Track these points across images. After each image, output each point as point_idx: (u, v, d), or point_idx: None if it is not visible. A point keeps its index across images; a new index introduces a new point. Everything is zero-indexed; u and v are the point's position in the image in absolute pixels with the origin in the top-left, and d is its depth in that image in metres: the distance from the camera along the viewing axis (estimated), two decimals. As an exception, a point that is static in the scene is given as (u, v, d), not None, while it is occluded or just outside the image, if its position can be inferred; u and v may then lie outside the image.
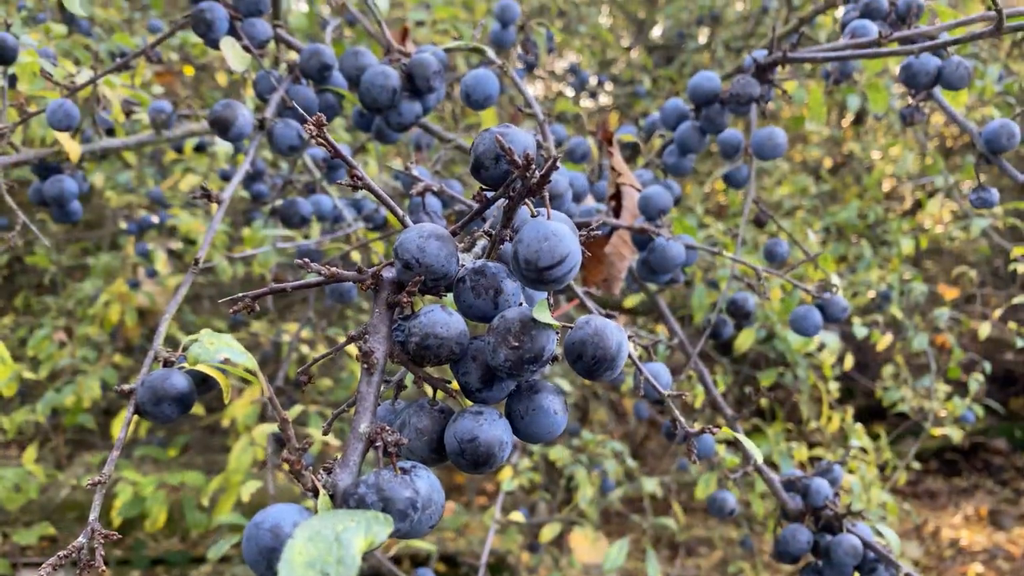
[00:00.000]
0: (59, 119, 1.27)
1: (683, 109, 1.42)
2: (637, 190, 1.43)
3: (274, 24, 1.30)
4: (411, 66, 1.17)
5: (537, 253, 0.62)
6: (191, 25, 1.20)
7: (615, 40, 5.03)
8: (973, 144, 1.41)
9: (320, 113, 1.29)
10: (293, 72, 1.25)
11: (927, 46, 1.17)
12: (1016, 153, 4.11)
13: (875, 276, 2.98)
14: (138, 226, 2.55)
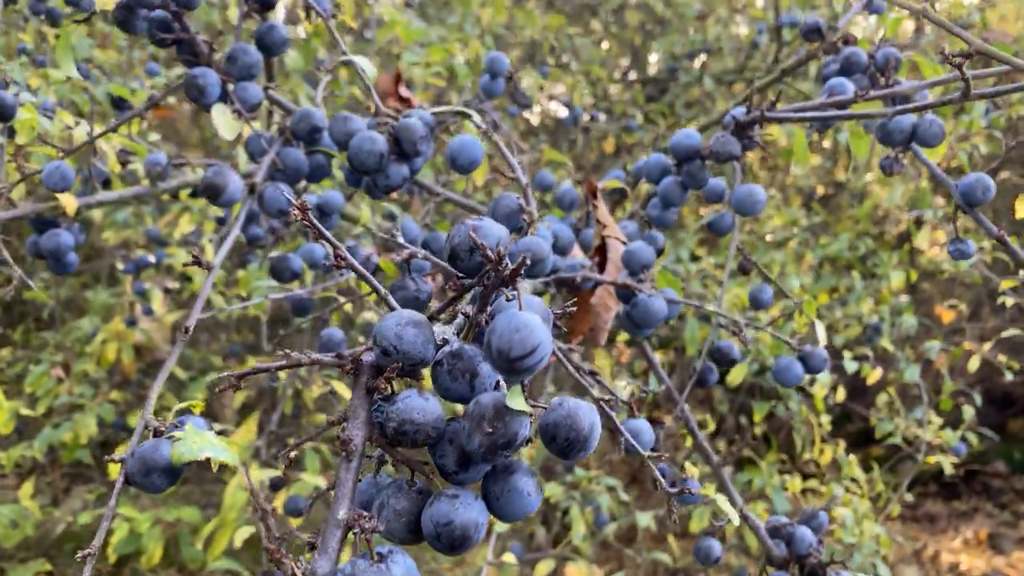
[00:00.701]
0: (55, 181, 1.30)
1: (666, 164, 1.45)
2: (622, 243, 1.46)
3: (265, 87, 1.33)
4: (398, 130, 1.20)
5: (509, 344, 0.64)
6: (184, 90, 1.24)
7: (608, 74, 5.09)
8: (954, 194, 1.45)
9: (309, 176, 1.32)
10: (284, 134, 1.28)
11: (899, 110, 1.21)
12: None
13: (866, 308, 3.01)
14: (135, 266, 2.59)
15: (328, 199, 1.62)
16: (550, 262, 1.09)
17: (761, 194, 1.34)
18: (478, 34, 3.20)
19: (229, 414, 3.44)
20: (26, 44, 2.76)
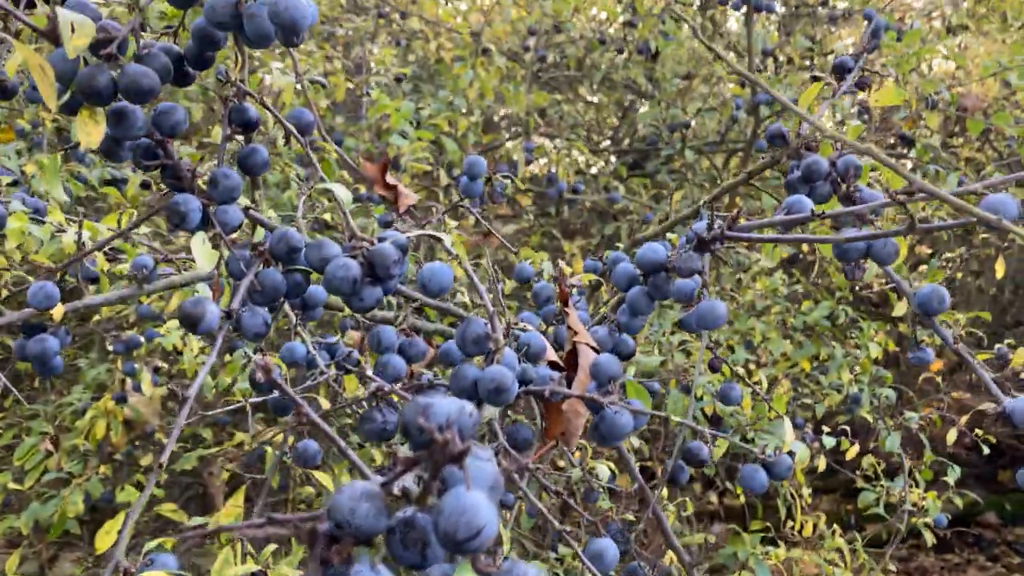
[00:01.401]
0: (39, 301, 1.35)
1: (633, 273, 1.51)
2: (593, 349, 1.51)
3: (246, 207, 1.39)
4: (372, 255, 1.26)
5: (455, 527, 0.68)
6: (165, 215, 1.29)
7: (598, 135, 5.20)
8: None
9: (287, 295, 1.36)
10: (263, 255, 1.34)
11: (851, 238, 1.26)
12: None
13: (846, 378, 3.05)
14: (125, 346, 2.63)
15: (312, 293, 1.67)
16: (514, 391, 1.13)
17: (722, 310, 1.39)
18: (466, 110, 3.30)
19: (217, 483, 3.45)
20: (24, 126, 2.84)
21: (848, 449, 2.75)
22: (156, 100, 1.23)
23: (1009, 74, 3.02)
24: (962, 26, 4.88)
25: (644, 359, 2.80)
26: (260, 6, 1.15)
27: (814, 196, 1.72)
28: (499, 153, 3.30)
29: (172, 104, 1.31)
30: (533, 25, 3.32)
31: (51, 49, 1.18)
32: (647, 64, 3.55)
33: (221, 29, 1.20)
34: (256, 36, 1.17)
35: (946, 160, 3.25)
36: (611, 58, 3.62)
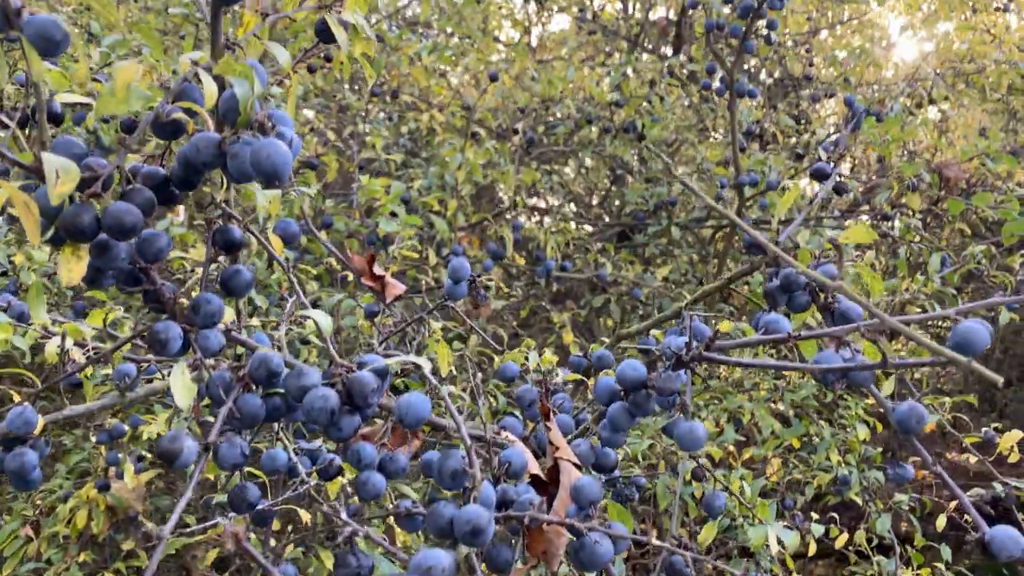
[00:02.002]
0: (18, 426, 1.35)
1: (615, 388, 1.51)
2: (576, 466, 1.50)
3: (227, 330, 1.40)
4: (351, 384, 1.26)
5: None
6: (146, 342, 1.30)
7: (588, 197, 5.26)
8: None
9: (266, 419, 1.37)
10: (242, 379, 1.34)
11: (827, 369, 1.28)
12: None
13: (835, 458, 3.04)
14: (109, 436, 2.61)
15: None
16: (490, 532, 1.13)
17: (700, 432, 1.40)
18: (454, 188, 3.34)
19: (201, 567, 3.39)
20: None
21: (838, 537, 2.72)
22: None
23: (987, 156, 3.08)
24: (944, 97, 4.99)
25: (631, 442, 2.79)
26: (243, 147, 1.18)
27: (793, 305, 1.74)
28: (489, 231, 3.33)
29: (155, 231, 1.33)
30: (523, 107, 3.38)
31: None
32: (634, 143, 3.62)
33: (205, 168, 1.23)
34: (239, 175, 1.19)
35: (929, 239, 3.29)
36: (598, 135, 3.69)
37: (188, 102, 1.26)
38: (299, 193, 2.42)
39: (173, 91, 1.28)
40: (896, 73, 5.23)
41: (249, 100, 1.16)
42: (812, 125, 4.24)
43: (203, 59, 1.34)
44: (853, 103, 3.00)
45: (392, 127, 4.17)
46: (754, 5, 2.77)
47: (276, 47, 1.42)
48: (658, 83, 3.53)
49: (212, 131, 1.25)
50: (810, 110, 4.53)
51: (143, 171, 1.31)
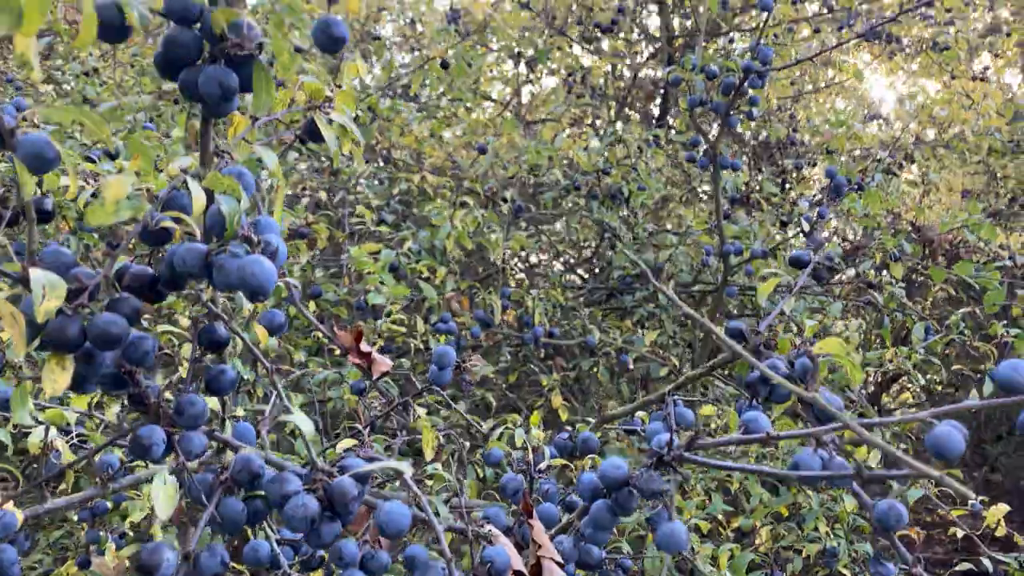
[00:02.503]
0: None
1: (598, 485, 1.52)
2: (559, 564, 1.50)
3: (210, 431, 1.41)
4: (331, 491, 1.27)
5: None
6: (129, 447, 1.30)
7: (577, 254, 5.30)
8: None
9: (247, 522, 1.37)
10: (224, 482, 1.34)
11: (803, 476, 1.29)
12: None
13: (823, 529, 3.03)
14: (91, 513, 2.59)
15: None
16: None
17: (682, 535, 1.40)
18: (443, 254, 3.37)
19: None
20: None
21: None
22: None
23: (967, 227, 3.14)
24: (925, 159, 5.09)
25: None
26: (229, 260, 1.20)
27: (773, 396, 1.76)
28: (478, 297, 3.36)
29: (141, 334, 1.34)
30: (511, 176, 3.44)
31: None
32: (620, 210, 3.68)
33: (191, 278, 1.25)
34: (224, 287, 1.21)
35: (912, 307, 3.33)
36: (585, 201, 3.75)
37: (176, 211, 1.29)
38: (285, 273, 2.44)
39: (162, 199, 1.30)
40: (880, 131, 5.33)
41: (235, 216, 1.18)
42: (799, 187, 4.32)
43: (192, 165, 1.37)
44: (834, 175, 3.06)
45: (384, 190, 4.22)
46: (736, 83, 2.84)
47: (265, 151, 1.45)
48: (644, 151, 3.60)
49: (199, 240, 1.27)
50: (795, 178, 4.61)
51: (131, 271, 1.33)
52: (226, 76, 1.19)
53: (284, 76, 1.25)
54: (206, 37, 1.21)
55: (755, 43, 2.80)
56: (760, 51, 2.78)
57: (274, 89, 1.24)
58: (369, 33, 5.12)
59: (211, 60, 1.21)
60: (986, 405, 1.36)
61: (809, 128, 4.79)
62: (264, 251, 1.25)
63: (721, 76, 2.90)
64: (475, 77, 4.79)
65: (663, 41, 4.92)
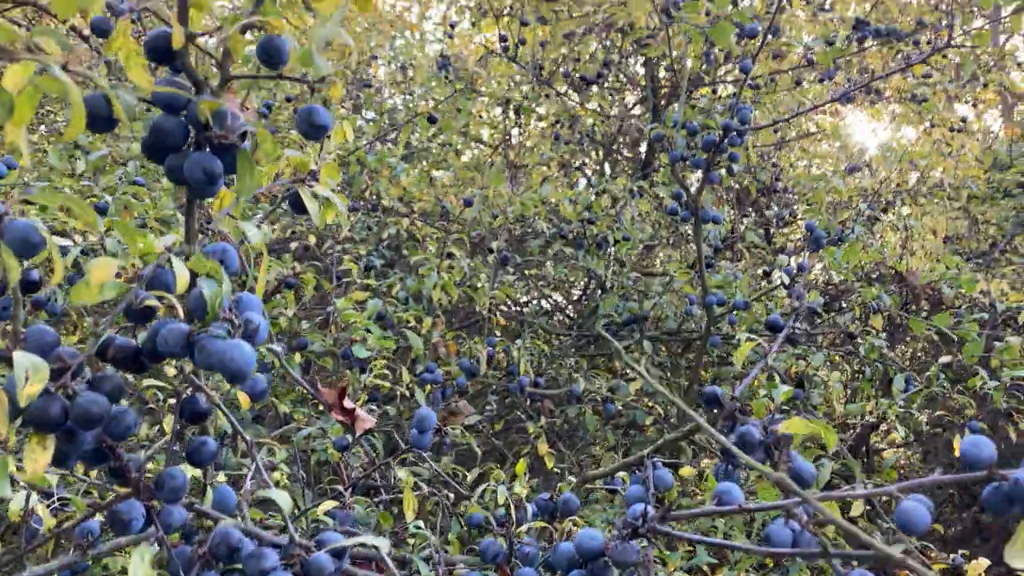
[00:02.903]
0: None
1: (574, 556, 1.54)
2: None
3: (190, 503, 1.43)
4: (308, 567, 1.28)
5: None
6: (108, 521, 1.32)
7: (567, 293, 5.34)
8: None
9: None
10: (203, 556, 1.36)
11: (776, 552, 1.32)
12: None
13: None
14: (71, 572, 2.57)
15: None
16: None
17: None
18: (429, 303, 3.41)
19: None
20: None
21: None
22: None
23: (945, 282, 3.20)
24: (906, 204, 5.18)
25: None
26: (210, 341, 1.22)
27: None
28: (464, 347, 3.38)
29: (123, 409, 1.36)
30: (498, 228, 3.50)
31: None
32: (606, 258, 3.73)
33: (171, 357, 1.27)
34: (205, 367, 1.23)
35: (893, 359, 3.37)
36: (572, 250, 3.80)
37: (161, 288, 1.32)
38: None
39: (146, 278, 1.33)
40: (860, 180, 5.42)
41: (217, 299, 1.22)
42: (781, 237, 4.39)
43: (177, 243, 1.41)
44: (813, 228, 3.13)
45: (373, 235, 4.26)
46: (716, 140, 2.91)
47: (248, 226, 1.49)
48: (628, 201, 3.66)
49: (182, 319, 1.30)
50: (778, 227, 4.69)
51: (116, 344, 1.36)
52: (210, 163, 1.23)
53: (267, 163, 1.28)
54: (192, 124, 1.25)
55: (734, 102, 2.87)
56: (739, 111, 2.85)
57: (257, 173, 1.27)
58: (360, 80, 5.20)
59: (197, 146, 1.25)
60: (951, 480, 1.39)
61: (792, 174, 4.88)
62: (245, 330, 1.28)
63: (701, 133, 2.97)
64: (465, 121, 4.87)
65: (648, 90, 5.02)
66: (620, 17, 3.85)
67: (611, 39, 4.76)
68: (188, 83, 1.27)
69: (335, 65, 4.42)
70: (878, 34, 4.64)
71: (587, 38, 4.89)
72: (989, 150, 5.29)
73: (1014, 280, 4.99)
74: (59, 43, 1.14)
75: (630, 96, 6.32)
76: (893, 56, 5.34)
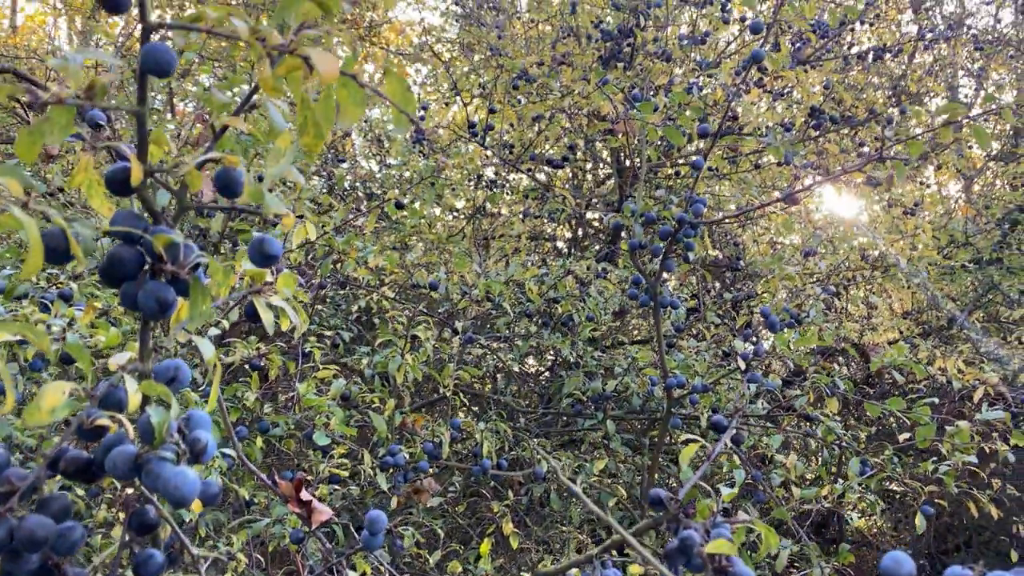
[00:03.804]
0: None
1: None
2: None
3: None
4: None
5: None
6: (52, 641, 1.33)
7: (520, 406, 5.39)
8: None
9: None
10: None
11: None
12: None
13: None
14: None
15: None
16: None
17: None
18: (393, 388, 3.44)
19: None
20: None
21: None
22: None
23: (895, 368, 3.29)
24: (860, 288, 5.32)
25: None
26: (157, 464, 1.26)
27: (691, 566, 1.83)
28: (426, 430, 3.41)
29: (70, 525, 1.39)
30: (462, 308, 3.57)
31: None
32: (571, 337, 3.80)
33: (119, 480, 1.31)
34: (151, 490, 1.27)
35: (848, 439, 3.44)
36: (537, 329, 3.87)
37: (114, 405, 1.36)
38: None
39: (98, 396, 1.38)
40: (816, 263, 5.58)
41: (164, 426, 1.26)
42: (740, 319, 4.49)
43: (132, 359, 1.45)
44: (768, 315, 3.22)
45: (341, 311, 4.31)
46: (671, 231, 3.01)
47: (202, 342, 1.54)
48: (592, 282, 3.75)
49: (132, 439, 1.34)
50: (740, 310, 4.80)
51: (67, 456, 1.39)
52: (163, 292, 1.29)
53: (219, 290, 1.34)
54: (147, 253, 1.31)
55: (688, 195, 2.99)
56: (693, 203, 2.96)
57: (210, 300, 1.33)
58: (336, 155, 5.31)
59: (151, 275, 1.31)
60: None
61: (755, 251, 5.02)
62: (192, 450, 1.33)
63: (658, 223, 3.08)
64: (439, 193, 4.97)
65: (614, 170, 5.18)
66: (584, 106, 4.00)
67: (578, 123, 4.93)
68: (145, 213, 1.33)
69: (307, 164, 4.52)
70: (833, 121, 4.85)
71: (556, 118, 5.05)
72: (944, 229, 5.48)
73: (971, 356, 5.12)
74: (23, 184, 1.21)
75: (600, 170, 6.50)
76: (851, 136, 5.56)
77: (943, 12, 11.57)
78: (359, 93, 1.23)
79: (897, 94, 5.96)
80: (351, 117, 1.27)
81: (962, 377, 4.29)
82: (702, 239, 3.40)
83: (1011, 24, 8.64)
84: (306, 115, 1.27)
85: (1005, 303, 5.86)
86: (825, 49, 5.05)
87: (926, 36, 5.55)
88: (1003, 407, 4.58)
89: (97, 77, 1.17)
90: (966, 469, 3.11)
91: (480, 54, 5.74)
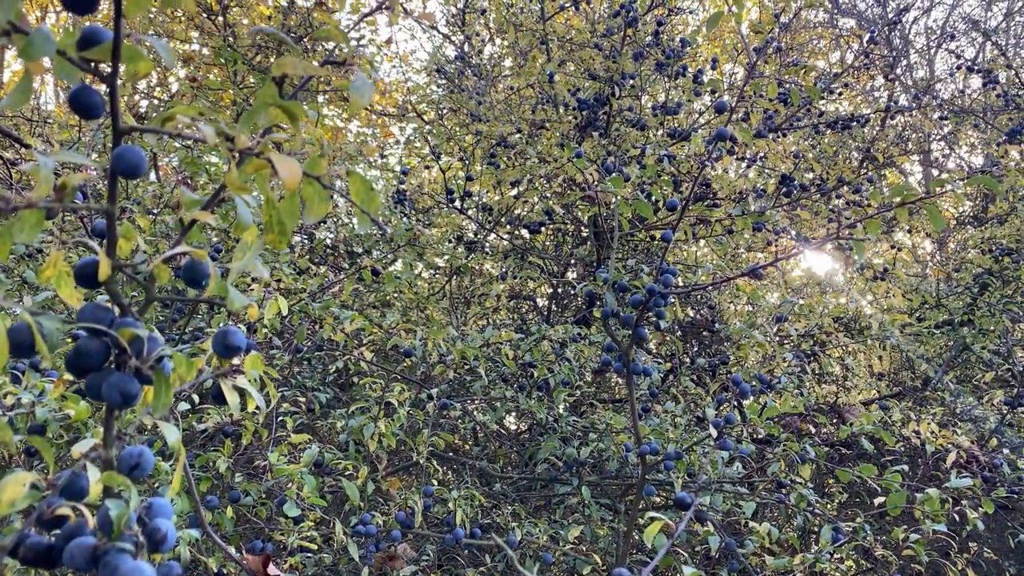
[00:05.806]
0: None
1: None
2: None
3: None
4: None
5: None
6: None
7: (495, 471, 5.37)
8: None
9: None
10: None
11: None
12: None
13: None
14: None
15: None
16: None
17: None
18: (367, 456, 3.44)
19: None
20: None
21: None
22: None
23: (864, 435, 3.33)
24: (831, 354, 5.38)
25: None
26: (115, 556, 1.27)
27: (655, 649, 1.83)
28: (401, 496, 3.39)
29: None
30: (437, 374, 3.59)
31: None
32: (547, 402, 3.82)
33: (77, 571, 1.31)
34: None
35: (822, 506, 3.46)
36: (513, 394, 3.89)
37: (75, 493, 1.37)
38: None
39: (60, 485, 1.39)
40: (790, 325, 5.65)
41: (123, 519, 1.27)
42: (714, 384, 4.53)
43: (96, 445, 1.47)
44: (739, 382, 3.26)
45: (318, 373, 4.31)
46: (643, 300, 3.07)
47: (167, 427, 1.56)
48: (568, 345, 3.79)
49: (91, 529, 1.35)
50: (715, 375, 4.86)
51: (28, 542, 1.39)
52: (128, 384, 1.31)
53: (185, 379, 1.37)
54: (113, 345, 1.34)
55: (659, 265, 3.05)
56: (663, 274, 3.02)
57: (173, 393, 1.35)
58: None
59: (116, 366, 1.34)
60: None
61: (730, 312, 5.09)
62: (151, 540, 1.33)
63: (630, 292, 3.14)
64: (420, 251, 5.02)
65: (591, 233, 5.27)
66: (561, 173, 4.10)
67: (555, 189, 5.03)
68: (112, 306, 1.36)
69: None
70: (803, 188, 4.97)
71: (535, 182, 5.15)
72: (916, 291, 5.58)
73: (945, 418, 5.16)
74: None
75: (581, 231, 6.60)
76: (824, 202, 5.69)
77: (913, 77, 11.94)
78: (324, 191, 1.28)
79: (868, 159, 6.13)
80: (317, 213, 1.33)
81: (935, 440, 4.34)
82: (674, 306, 3.45)
83: (979, 90, 8.93)
84: (271, 214, 1.32)
85: (980, 365, 5.94)
86: (795, 118, 5.21)
87: (890, 109, 5.74)
88: (977, 469, 4.61)
89: (67, 179, 1.21)
90: (941, 533, 3.12)
91: (461, 120, 5.87)
